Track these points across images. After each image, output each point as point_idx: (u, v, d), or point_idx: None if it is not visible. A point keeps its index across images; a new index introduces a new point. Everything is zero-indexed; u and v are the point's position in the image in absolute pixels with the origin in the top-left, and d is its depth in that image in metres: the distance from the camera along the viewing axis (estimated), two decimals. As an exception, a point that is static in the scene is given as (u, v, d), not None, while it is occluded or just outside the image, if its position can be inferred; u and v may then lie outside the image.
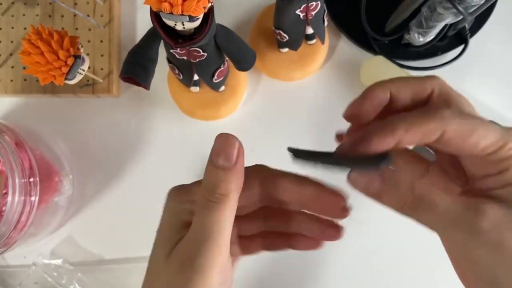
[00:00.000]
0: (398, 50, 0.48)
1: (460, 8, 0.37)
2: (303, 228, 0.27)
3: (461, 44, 0.47)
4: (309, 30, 0.44)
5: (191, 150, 0.48)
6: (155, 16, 0.31)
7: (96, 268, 0.46)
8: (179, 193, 0.27)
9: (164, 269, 0.23)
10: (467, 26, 0.47)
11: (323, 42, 0.45)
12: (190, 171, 0.48)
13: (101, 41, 0.47)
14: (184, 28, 0.30)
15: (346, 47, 0.49)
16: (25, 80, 0.47)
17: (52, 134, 0.48)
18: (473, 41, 0.48)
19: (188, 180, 0.48)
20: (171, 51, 0.36)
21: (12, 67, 0.47)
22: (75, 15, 0.47)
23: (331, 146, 0.49)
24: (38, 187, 0.40)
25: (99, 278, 0.46)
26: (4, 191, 0.40)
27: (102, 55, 0.47)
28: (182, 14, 0.28)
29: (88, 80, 0.46)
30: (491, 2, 0.39)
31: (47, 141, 0.47)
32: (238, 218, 0.24)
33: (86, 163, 0.48)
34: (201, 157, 0.48)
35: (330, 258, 0.46)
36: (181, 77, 0.41)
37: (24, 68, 0.46)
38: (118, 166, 0.48)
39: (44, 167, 0.43)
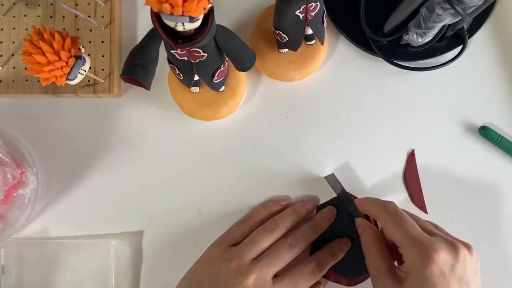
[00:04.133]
0: (396, 50, 0.48)
1: (458, 9, 0.37)
2: None
3: (459, 44, 0.47)
4: (309, 31, 0.44)
5: (191, 150, 0.48)
6: (156, 17, 0.31)
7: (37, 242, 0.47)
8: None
9: None
10: (465, 27, 0.47)
11: (322, 43, 0.45)
12: (189, 170, 0.48)
13: (102, 42, 0.47)
14: (184, 29, 0.30)
15: (346, 48, 0.49)
16: (26, 80, 0.47)
17: (52, 133, 0.48)
18: (471, 42, 0.49)
19: (186, 179, 0.48)
20: (172, 51, 0.36)
21: (14, 67, 0.47)
22: (76, 16, 0.48)
23: (329, 146, 0.49)
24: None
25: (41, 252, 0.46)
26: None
27: (103, 56, 0.47)
28: (182, 15, 0.28)
29: (89, 81, 0.47)
30: (490, 3, 0.40)
31: (44, 141, 0.48)
32: None
33: (86, 163, 0.48)
34: (201, 157, 0.48)
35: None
36: (182, 77, 0.42)
37: (26, 68, 0.47)
38: (119, 166, 0.48)
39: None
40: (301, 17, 0.40)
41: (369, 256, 0.39)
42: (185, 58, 0.36)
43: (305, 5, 0.38)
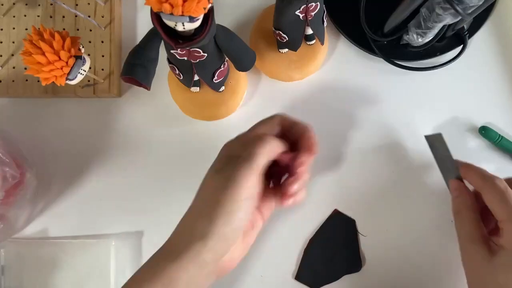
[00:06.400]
0: (397, 50, 0.48)
1: (458, 9, 0.37)
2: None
3: (459, 44, 0.47)
4: (309, 31, 0.44)
5: (191, 150, 0.48)
6: (156, 16, 0.31)
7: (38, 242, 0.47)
8: (232, 141, 0.38)
9: (214, 178, 0.35)
10: (465, 27, 0.47)
11: (322, 43, 0.45)
12: (189, 170, 0.48)
13: (102, 42, 0.47)
14: (184, 28, 0.30)
15: (346, 48, 0.49)
16: (26, 80, 0.47)
17: (52, 133, 0.48)
18: (471, 42, 0.49)
19: (186, 179, 0.48)
20: (172, 51, 0.36)
21: (14, 67, 0.47)
22: (76, 16, 0.48)
23: (329, 145, 0.49)
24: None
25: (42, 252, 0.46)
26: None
27: (103, 56, 0.47)
28: (182, 15, 0.28)
29: (89, 81, 0.47)
30: (490, 3, 0.40)
31: (44, 141, 0.48)
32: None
33: (86, 163, 0.48)
34: (201, 157, 0.48)
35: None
36: (182, 77, 0.42)
37: (26, 68, 0.47)
38: (119, 166, 0.48)
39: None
40: (301, 17, 0.40)
41: (462, 221, 0.40)
42: (185, 58, 0.37)
43: (305, 5, 0.38)
